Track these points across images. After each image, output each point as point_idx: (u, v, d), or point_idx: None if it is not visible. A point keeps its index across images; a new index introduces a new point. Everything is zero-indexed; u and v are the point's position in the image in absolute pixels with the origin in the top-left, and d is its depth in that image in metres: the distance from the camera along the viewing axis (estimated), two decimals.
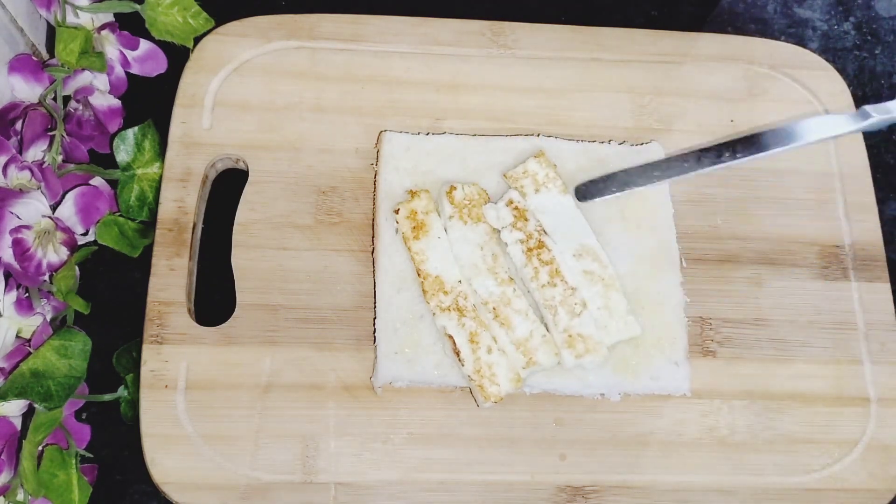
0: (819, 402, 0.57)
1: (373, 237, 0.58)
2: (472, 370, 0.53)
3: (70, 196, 0.59)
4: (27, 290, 0.57)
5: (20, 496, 0.53)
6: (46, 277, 0.58)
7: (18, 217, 0.56)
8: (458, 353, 0.54)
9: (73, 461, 0.54)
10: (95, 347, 0.56)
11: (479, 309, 0.55)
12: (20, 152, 0.59)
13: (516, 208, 0.57)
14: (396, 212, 0.57)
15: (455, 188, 0.57)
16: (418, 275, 0.55)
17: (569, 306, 0.55)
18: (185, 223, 0.57)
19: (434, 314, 0.55)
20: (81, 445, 0.56)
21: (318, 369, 0.55)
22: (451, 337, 0.54)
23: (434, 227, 0.57)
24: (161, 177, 0.59)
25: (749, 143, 0.60)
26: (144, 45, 0.65)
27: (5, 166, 0.57)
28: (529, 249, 0.56)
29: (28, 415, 0.55)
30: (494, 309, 0.55)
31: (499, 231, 0.57)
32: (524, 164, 0.59)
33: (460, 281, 0.55)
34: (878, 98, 0.72)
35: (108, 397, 0.57)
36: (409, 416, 0.54)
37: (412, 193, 0.57)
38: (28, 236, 0.56)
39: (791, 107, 0.65)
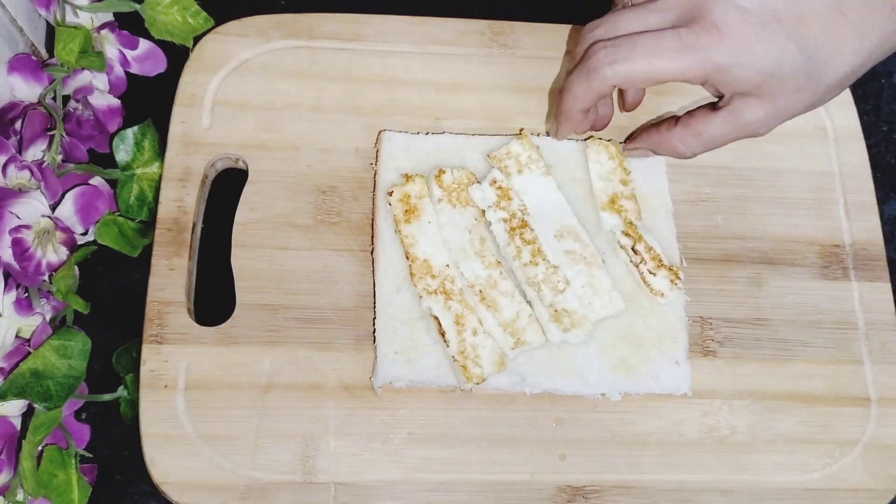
0: (819, 401, 0.57)
1: (372, 237, 0.58)
2: (457, 351, 0.54)
3: (69, 196, 0.59)
4: (27, 290, 0.57)
5: (20, 496, 0.53)
6: (46, 277, 0.57)
7: (18, 217, 0.56)
8: (443, 335, 0.54)
9: (73, 461, 0.54)
10: (95, 347, 0.56)
11: (465, 292, 0.55)
12: (20, 152, 0.59)
13: (500, 188, 0.57)
14: (390, 194, 0.57)
15: (444, 172, 0.58)
16: (406, 257, 0.56)
17: (552, 284, 0.55)
18: (185, 223, 0.57)
19: (420, 297, 0.55)
20: (81, 445, 0.56)
21: (317, 369, 0.55)
22: (436, 318, 0.54)
23: (426, 211, 0.57)
24: (160, 176, 0.59)
25: None
26: (144, 44, 0.65)
27: (5, 166, 0.57)
28: (512, 229, 0.56)
29: (28, 415, 0.55)
30: (481, 291, 0.55)
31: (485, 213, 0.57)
32: (507, 146, 0.59)
33: (448, 265, 0.56)
34: (877, 98, 0.72)
35: (107, 397, 0.57)
36: (409, 416, 0.54)
37: (407, 177, 0.58)
38: (27, 236, 0.56)
39: None
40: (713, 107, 0.52)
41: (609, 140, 0.60)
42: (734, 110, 0.51)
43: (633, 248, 0.57)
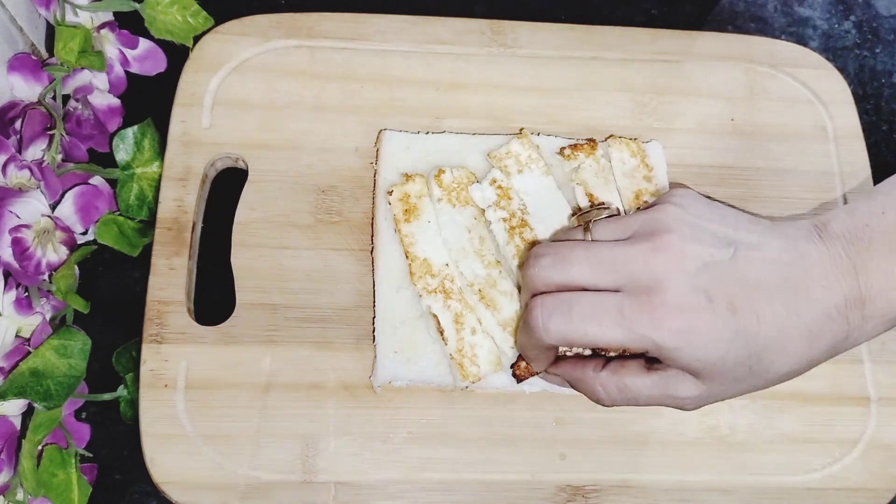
0: (819, 401, 0.57)
1: (372, 236, 0.58)
2: (455, 349, 0.54)
3: (69, 195, 0.59)
4: (26, 290, 0.57)
5: (20, 496, 0.53)
6: (46, 276, 0.57)
7: (18, 216, 0.56)
8: (441, 332, 0.54)
9: (73, 461, 0.54)
10: (95, 347, 0.56)
11: (465, 291, 0.55)
12: (19, 151, 0.59)
13: (500, 187, 0.57)
14: (390, 193, 0.57)
15: (444, 171, 0.58)
16: (406, 257, 0.56)
17: None
18: (185, 222, 0.57)
19: (420, 296, 0.55)
20: (81, 445, 0.56)
21: (317, 369, 0.55)
22: (435, 316, 0.54)
23: (426, 210, 0.57)
24: (160, 176, 0.59)
25: None
26: (144, 43, 0.64)
27: (5, 165, 0.57)
28: (512, 228, 0.56)
29: (27, 414, 0.55)
30: (480, 291, 0.55)
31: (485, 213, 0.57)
32: (507, 145, 0.59)
33: (447, 264, 0.56)
34: (878, 97, 0.72)
35: (107, 397, 0.57)
36: (409, 416, 0.54)
37: (407, 177, 0.58)
38: (27, 235, 0.56)
39: (791, 106, 0.65)
40: (648, 365, 0.48)
41: (633, 139, 0.60)
42: (666, 378, 0.47)
43: None
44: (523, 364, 0.53)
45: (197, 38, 0.63)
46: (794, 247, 0.47)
